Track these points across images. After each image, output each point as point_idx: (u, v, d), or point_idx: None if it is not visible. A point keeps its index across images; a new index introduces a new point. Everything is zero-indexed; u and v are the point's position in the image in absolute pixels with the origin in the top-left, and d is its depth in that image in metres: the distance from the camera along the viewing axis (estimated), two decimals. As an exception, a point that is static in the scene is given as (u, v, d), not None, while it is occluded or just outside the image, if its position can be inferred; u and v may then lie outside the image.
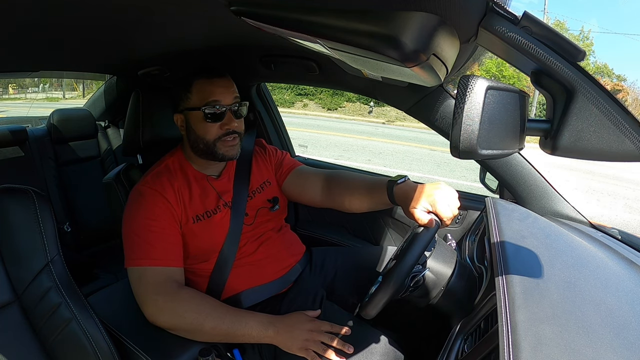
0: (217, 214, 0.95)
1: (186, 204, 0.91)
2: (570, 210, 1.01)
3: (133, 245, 0.85)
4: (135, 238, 0.85)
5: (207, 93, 0.90)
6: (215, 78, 0.92)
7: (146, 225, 0.85)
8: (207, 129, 0.91)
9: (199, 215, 0.92)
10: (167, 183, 0.90)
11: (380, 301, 0.72)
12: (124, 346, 0.79)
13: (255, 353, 0.88)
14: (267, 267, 0.98)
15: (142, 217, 0.86)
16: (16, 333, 0.70)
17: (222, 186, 0.99)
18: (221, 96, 0.90)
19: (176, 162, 0.97)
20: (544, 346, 0.45)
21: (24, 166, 1.69)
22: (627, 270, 0.69)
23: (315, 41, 0.47)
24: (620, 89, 14.34)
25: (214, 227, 0.93)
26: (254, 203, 1.02)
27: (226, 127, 0.91)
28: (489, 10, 0.41)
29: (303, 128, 8.91)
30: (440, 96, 1.04)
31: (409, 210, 0.80)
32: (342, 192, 1.01)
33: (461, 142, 0.39)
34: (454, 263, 0.81)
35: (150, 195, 0.88)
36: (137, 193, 0.89)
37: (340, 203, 1.02)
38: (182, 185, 0.93)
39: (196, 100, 0.91)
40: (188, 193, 0.93)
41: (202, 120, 0.90)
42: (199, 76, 0.91)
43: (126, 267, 0.85)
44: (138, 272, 0.84)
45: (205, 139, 0.92)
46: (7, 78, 7.28)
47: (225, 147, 0.93)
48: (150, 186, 0.89)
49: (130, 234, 0.86)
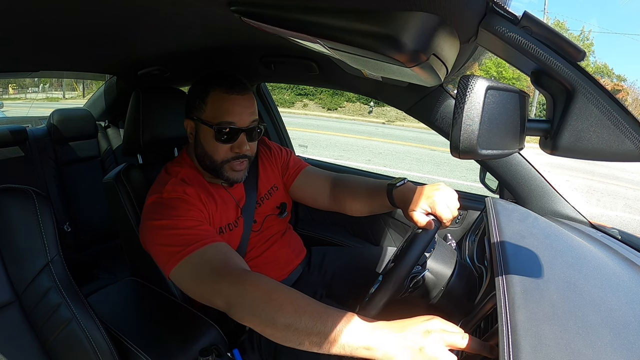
0: (237, 228, 0.91)
1: (213, 213, 0.86)
2: (570, 210, 1.01)
3: (171, 242, 0.73)
4: (173, 236, 0.74)
5: (223, 111, 0.82)
6: (235, 94, 0.83)
7: (183, 224, 0.75)
8: (217, 149, 0.84)
9: (222, 227, 0.88)
10: (192, 191, 0.83)
11: (380, 301, 0.72)
12: (124, 346, 0.79)
13: (255, 353, 0.88)
14: (272, 271, 0.97)
15: (172, 215, 0.76)
16: (16, 333, 0.70)
17: (237, 193, 0.95)
18: (238, 117, 0.83)
19: (191, 174, 0.90)
20: (544, 346, 0.45)
21: (24, 166, 1.69)
22: (627, 270, 0.69)
23: (315, 41, 0.47)
24: (620, 89, 14.34)
25: (233, 239, 0.90)
26: (262, 210, 0.99)
27: (237, 151, 0.85)
28: (489, 10, 0.41)
29: (303, 128, 8.91)
30: (440, 96, 1.04)
31: (408, 213, 0.79)
32: (346, 196, 1.00)
33: (461, 142, 0.39)
34: (454, 263, 0.81)
35: (184, 199, 0.80)
36: (158, 204, 0.80)
37: (343, 207, 1.02)
38: (206, 196, 0.86)
39: (210, 114, 0.83)
40: (214, 203, 0.87)
41: (213, 139, 0.84)
42: (217, 86, 0.83)
43: (168, 272, 0.72)
44: (188, 265, 0.71)
45: (212, 158, 0.86)
46: (7, 78, 7.28)
47: (232, 171, 0.87)
48: (175, 194, 0.81)
49: (164, 236, 0.75)
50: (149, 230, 0.77)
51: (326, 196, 1.04)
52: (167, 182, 0.85)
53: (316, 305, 0.61)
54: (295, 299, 0.62)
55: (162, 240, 0.75)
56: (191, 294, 0.72)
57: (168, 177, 0.87)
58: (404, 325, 0.57)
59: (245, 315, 0.63)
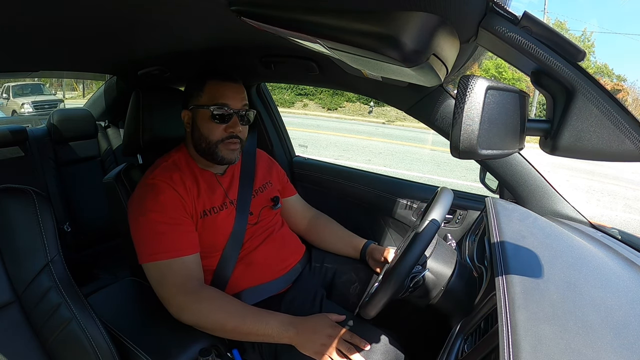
0: (223, 211, 0.96)
1: (195, 199, 0.92)
2: (570, 210, 1.01)
3: (147, 239, 0.85)
4: (149, 232, 0.84)
5: (218, 94, 0.92)
6: (228, 82, 0.95)
7: (159, 219, 0.85)
8: (212, 129, 0.92)
9: (206, 210, 0.93)
10: (177, 177, 0.91)
11: (380, 301, 0.73)
12: (124, 346, 0.79)
13: (255, 352, 0.88)
14: (269, 266, 0.99)
15: (155, 210, 0.85)
16: (16, 333, 0.70)
17: (227, 183, 1.01)
18: (231, 100, 0.93)
19: (182, 159, 0.98)
20: (544, 346, 0.45)
21: (24, 166, 1.69)
22: (627, 270, 0.69)
23: (315, 41, 0.47)
24: (620, 89, 14.33)
25: (219, 223, 0.94)
26: (257, 202, 1.04)
27: (230, 131, 0.93)
28: (489, 10, 0.41)
29: (303, 128, 8.91)
30: (440, 96, 1.04)
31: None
32: (319, 237, 1.19)
33: (461, 142, 0.39)
34: (454, 263, 0.81)
35: (163, 188, 0.88)
36: (147, 186, 0.89)
37: (315, 243, 1.20)
38: (191, 180, 0.93)
39: (206, 99, 0.93)
40: (196, 188, 0.94)
41: (209, 120, 0.92)
42: (212, 77, 0.94)
43: (141, 263, 0.85)
44: (157, 268, 0.83)
45: (208, 139, 0.93)
46: (7, 78, 7.28)
47: (227, 150, 0.94)
48: (161, 179, 0.89)
49: (142, 229, 0.85)
50: (131, 217, 0.88)
51: (301, 228, 1.21)
52: (159, 165, 0.94)
53: (256, 310, 0.83)
54: (241, 308, 0.83)
55: (139, 235, 0.86)
56: (153, 288, 0.85)
57: (161, 161, 0.97)
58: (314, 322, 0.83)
59: (199, 322, 0.81)
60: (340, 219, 1.24)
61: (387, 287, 0.71)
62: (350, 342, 0.79)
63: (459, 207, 1.26)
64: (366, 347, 0.79)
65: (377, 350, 0.82)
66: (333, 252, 1.16)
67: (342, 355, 0.77)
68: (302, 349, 0.80)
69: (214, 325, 0.81)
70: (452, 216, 1.28)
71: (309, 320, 0.83)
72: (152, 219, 0.84)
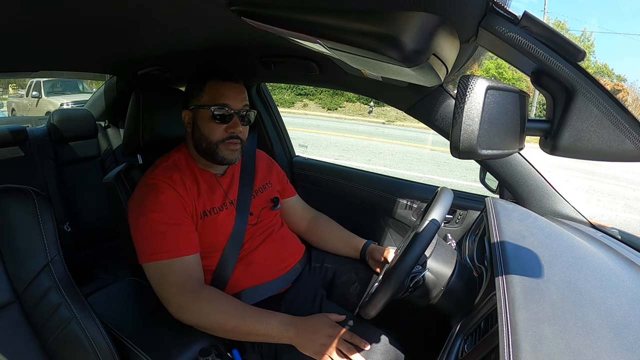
0: (223, 211, 0.96)
1: (195, 199, 0.92)
2: (570, 210, 1.01)
3: (147, 239, 0.85)
4: (149, 232, 0.84)
5: (218, 94, 0.92)
6: (229, 82, 0.94)
7: (159, 219, 0.85)
8: (213, 129, 0.92)
9: (206, 210, 0.93)
10: (177, 177, 0.91)
11: (380, 301, 0.72)
12: (124, 346, 0.79)
13: (255, 352, 0.88)
14: (269, 266, 0.99)
15: (155, 210, 0.85)
16: (16, 333, 0.70)
17: (227, 183, 1.01)
18: (232, 100, 0.93)
19: (182, 159, 0.98)
20: (544, 346, 0.45)
21: (24, 166, 1.69)
22: (627, 270, 0.69)
23: (315, 41, 0.47)
24: (620, 89, 14.32)
25: (219, 224, 0.94)
26: (257, 202, 1.04)
27: (231, 131, 0.93)
28: (489, 10, 0.41)
29: (303, 128, 8.91)
30: (440, 96, 1.04)
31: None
32: (319, 238, 1.19)
33: (461, 142, 0.39)
34: (454, 263, 0.81)
35: (163, 188, 0.88)
36: (147, 186, 0.89)
37: (315, 243, 1.20)
38: (191, 180, 0.93)
39: (207, 99, 0.93)
40: (197, 188, 0.94)
41: (209, 120, 0.92)
42: (213, 77, 0.94)
43: (141, 263, 0.85)
44: (157, 268, 0.84)
45: (209, 139, 0.93)
46: (7, 78, 7.27)
47: (227, 150, 0.94)
48: (162, 179, 0.89)
49: (142, 229, 0.85)
50: (131, 217, 0.88)
51: (298, 231, 1.20)
52: (159, 165, 0.94)
53: (256, 310, 0.83)
54: (241, 308, 0.83)
55: (139, 235, 0.86)
56: (153, 288, 0.85)
57: (161, 161, 0.97)
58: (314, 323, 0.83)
59: (199, 322, 0.81)
60: (340, 219, 1.24)
61: (387, 287, 0.71)
62: (350, 342, 0.79)
63: (459, 207, 1.26)
64: (366, 347, 0.79)
65: (377, 350, 0.82)
66: (333, 252, 1.16)
67: (342, 355, 0.77)
68: (302, 349, 0.80)
69: (214, 325, 0.81)
70: (452, 216, 1.28)
71: (309, 320, 0.83)
72: (152, 219, 0.84)
